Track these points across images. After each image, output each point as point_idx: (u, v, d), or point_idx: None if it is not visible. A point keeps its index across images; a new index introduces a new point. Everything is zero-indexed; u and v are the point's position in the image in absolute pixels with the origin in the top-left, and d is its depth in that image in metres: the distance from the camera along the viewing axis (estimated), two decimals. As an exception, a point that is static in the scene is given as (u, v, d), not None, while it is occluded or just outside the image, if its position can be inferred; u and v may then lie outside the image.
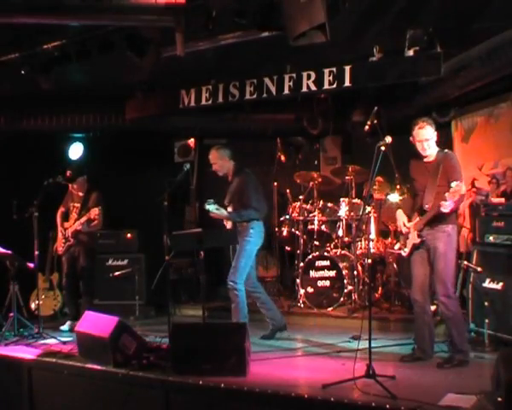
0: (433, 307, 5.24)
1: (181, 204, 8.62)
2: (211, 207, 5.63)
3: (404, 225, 4.86)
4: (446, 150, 4.81)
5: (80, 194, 6.70)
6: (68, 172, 6.56)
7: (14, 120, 7.79)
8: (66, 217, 6.75)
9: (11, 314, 6.07)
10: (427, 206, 4.68)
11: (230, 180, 5.91)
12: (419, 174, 4.85)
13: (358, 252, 6.97)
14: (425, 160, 4.80)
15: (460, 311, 4.79)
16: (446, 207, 4.45)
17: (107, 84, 6.97)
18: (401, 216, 4.93)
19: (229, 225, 5.79)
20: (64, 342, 5.69)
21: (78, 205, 6.66)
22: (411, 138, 4.77)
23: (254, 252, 5.79)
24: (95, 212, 6.27)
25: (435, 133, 4.74)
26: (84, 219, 6.44)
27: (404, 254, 4.93)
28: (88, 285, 6.71)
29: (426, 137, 4.68)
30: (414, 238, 4.79)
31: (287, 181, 7.84)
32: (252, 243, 5.70)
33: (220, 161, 5.88)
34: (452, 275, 4.74)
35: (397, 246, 5.07)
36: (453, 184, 4.32)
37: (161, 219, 5.07)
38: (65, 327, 6.46)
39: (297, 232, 7.32)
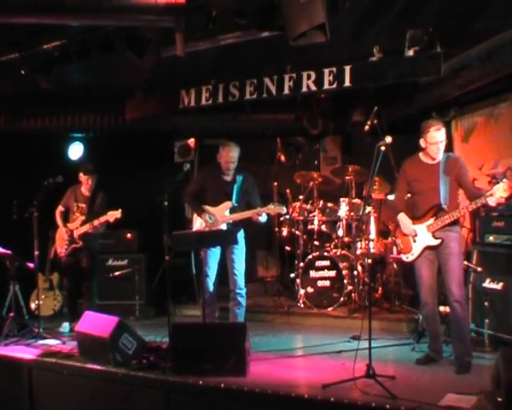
0: (442, 308, 5.21)
1: (181, 204, 8.62)
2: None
3: (411, 229, 4.70)
4: (449, 153, 4.77)
5: (87, 194, 6.53)
6: (90, 166, 6.55)
7: (14, 120, 7.76)
8: (65, 217, 6.58)
9: (11, 314, 6.07)
10: (445, 206, 4.59)
11: (230, 180, 5.69)
12: (419, 175, 4.72)
13: (358, 252, 6.96)
14: (429, 161, 4.71)
15: None
16: (494, 201, 4.43)
17: (107, 84, 6.95)
18: (406, 219, 4.75)
19: (223, 226, 5.63)
20: (64, 342, 5.70)
21: (83, 205, 6.47)
22: (421, 140, 4.65)
23: None
24: (116, 215, 6.14)
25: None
26: (101, 221, 6.22)
27: (408, 259, 4.77)
28: (91, 287, 6.56)
29: (442, 139, 4.60)
30: (429, 240, 4.64)
31: (287, 181, 7.83)
32: (245, 243, 5.68)
33: (237, 160, 5.68)
34: (463, 275, 4.74)
35: (395, 251, 4.92)
36: (501, 185, 4.37)
37: (161, 219, 5.07)
38: (65, 329, 6.36)
39: (297, 232, 7.32)
